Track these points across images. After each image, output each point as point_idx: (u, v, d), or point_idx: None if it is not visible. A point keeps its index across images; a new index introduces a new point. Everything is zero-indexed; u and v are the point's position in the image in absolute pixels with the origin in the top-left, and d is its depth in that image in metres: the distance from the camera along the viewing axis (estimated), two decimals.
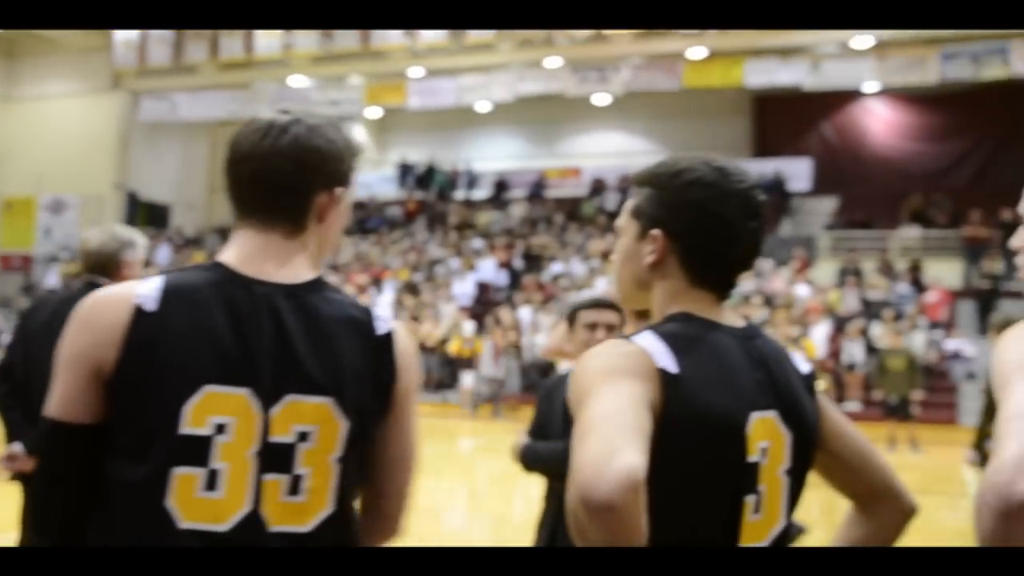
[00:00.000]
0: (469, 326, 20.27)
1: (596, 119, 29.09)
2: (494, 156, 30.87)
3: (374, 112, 29.51)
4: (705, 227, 1.73)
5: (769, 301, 17.34)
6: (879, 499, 1.83)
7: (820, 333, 17.29)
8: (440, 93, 24.90)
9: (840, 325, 18.03)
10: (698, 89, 23.35)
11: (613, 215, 25.89)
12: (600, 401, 1.53)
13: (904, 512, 1.83)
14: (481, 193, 29.43)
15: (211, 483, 1.66)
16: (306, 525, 1.71)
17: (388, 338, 1.83)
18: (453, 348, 19.73)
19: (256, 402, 1.68)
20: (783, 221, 24.95)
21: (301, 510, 1.71)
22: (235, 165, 1.80)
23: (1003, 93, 25.69)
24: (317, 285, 1.81)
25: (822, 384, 10.86)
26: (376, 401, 1.81)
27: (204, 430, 1.66)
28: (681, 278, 1.76)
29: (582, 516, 1.40)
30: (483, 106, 26.96)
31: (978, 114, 26.09)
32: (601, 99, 25.91)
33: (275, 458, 1.69)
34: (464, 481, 11.86)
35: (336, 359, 1.75)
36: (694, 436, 1.61)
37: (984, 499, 1.42)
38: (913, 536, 1.92)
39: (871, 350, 16.88)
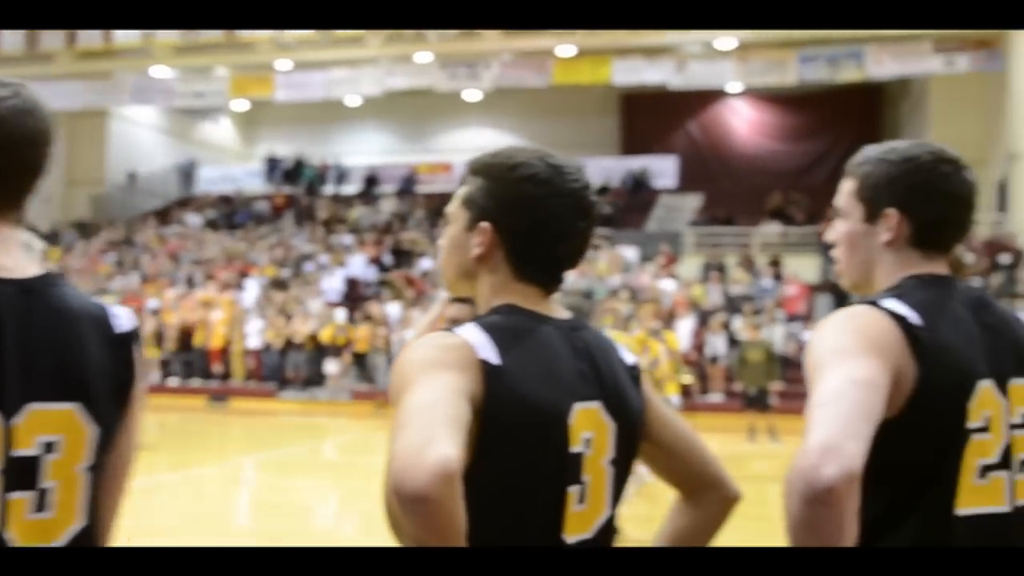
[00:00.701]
0: (341, 313, 20.09)
1: (467, 115, 29.14)
2: (364, 151, 30.61)
3: (240, 105, 28.94)
4: (535, 223, 1.71)
5: (635, 295, 17.61)
6: (704, 488, 1.85)
7: (684, 327, 17.67)
8: (308, 86, 24.55)
9: (704, 319, 18.46)
10: (567, 87, 23.60)
11: None
12: (417, 393, 1.50)
13: (728, 500, 1.85)
14: (351, 188, 29.15)
15: None
16: (55, 543, 1.59)
17: (128, 336, 1.70)
18: (325, 336, 19.50)
19: None
20: (649, 217, 25.41)
21: (49, 527, 1.58)
22: None
23: (858, 95, 26.72)
24: (51, 279, 1.66)
25: (687, 377, 11.10)
26: (117, 403, 1.68)
27: None
28: (507, 271, 1.74)
29: (396, 508, 1.38)
30: (353, 100, 26.71)
31: (834, 115, 27.06)
32: (471, 95, 25.95)
33: (20, 474, 1.55)
34: (333, 479, 11.73)
35: (80, 360, 1.62)
36: (517, 427, 1.59)
37: (791, 485, 1.45)
38: (765, 523, 1.96)
39: (733, 343, 17.33)
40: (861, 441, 1.48)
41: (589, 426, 1.67)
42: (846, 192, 1.89)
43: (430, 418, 1.45)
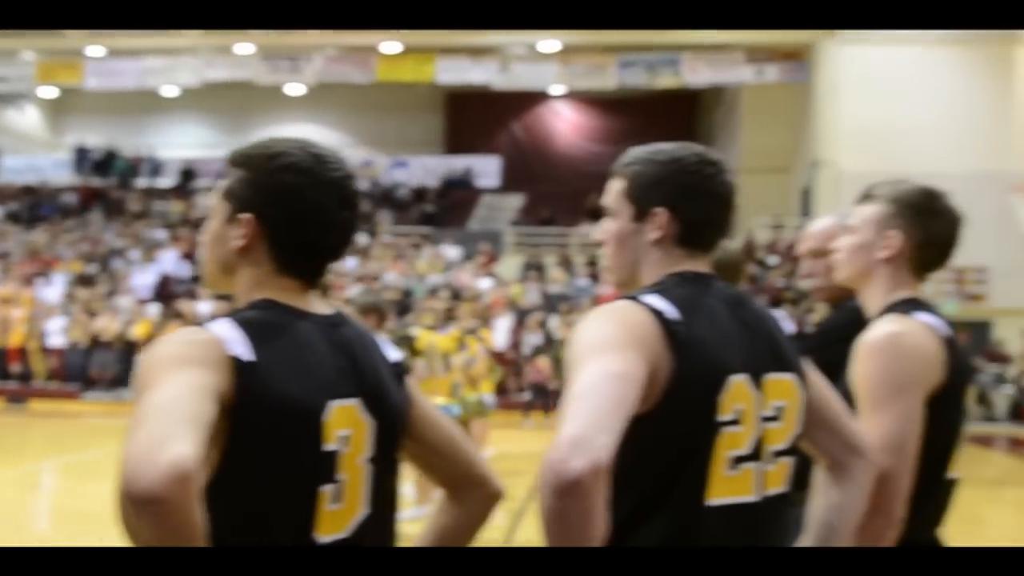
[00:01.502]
0: (154, 308, 19.40)
1: (289, 109, 28.61)
2: (181, 143, 29.66)
3: (48, 92, 27.59)
4: (296, 214, 1.67)
5: (455, 294, 17.66)
6: (467, 486, 1.84)
7: (502, 325, 17.84)
8: (121, 75, 23.63)
9: (521, 317, 18.68)
10: (392, 84, 23.47)
11: None
12: (159, 391, 1.44)
13: (491, 497, 1.86)
14: (166, 181, 28.19)
15: None
16: None
17: None
18: (138, 333, 18.77)
19: None
20: (472, 216, 25.55)
21: None
22: None
23: (675, 101, 27.57)
24: None
25: (496, 374, 11.16)
26: None
27: None
28: (268, 264, 1.69)
29: (128, 509, 1.32)
30: (169, 90, 25.85)
31: (653, 119, 27.82)
32: (294, 89, 25.50)
33: None
34: None
35: None
36: (268, 424, 1.55)
37: (543, 477, 1.45)
38: None
39: (549, 341, 17.60)
40: (611, 434, 1.49)
41: (346, 423, 1.63)
42: (615, 192, 1.91)
43: (168, 416, 1.39)
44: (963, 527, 9.85)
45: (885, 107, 20.90)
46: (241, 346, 1.56)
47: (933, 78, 21.17)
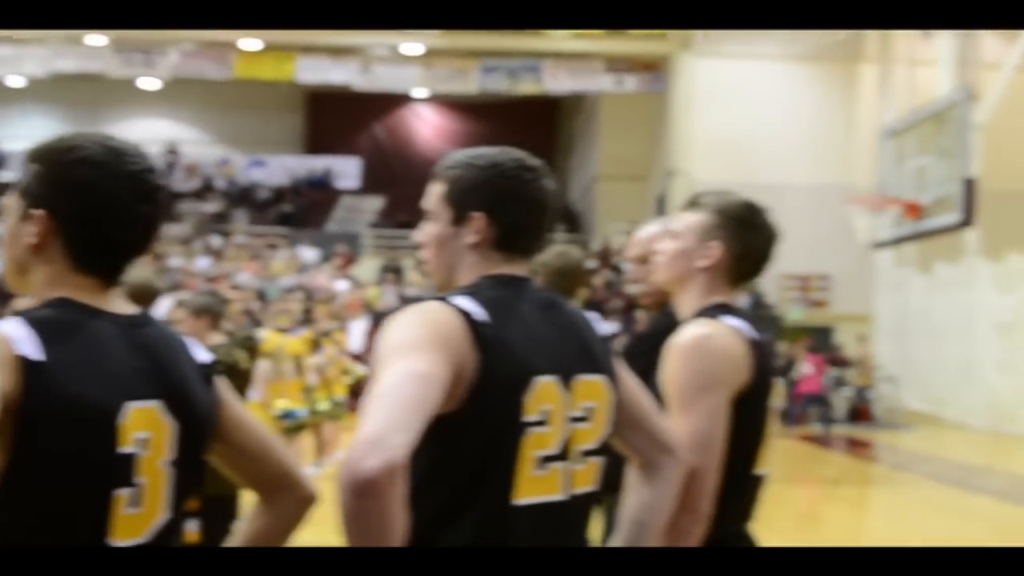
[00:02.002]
0: None
1: (143, 104, 27.76)
2: (27, 136, 28.36)
3: None
4: (91, 209, 1.63)
5: (310, 296, 17.45)
6: (278, 489, 1.82)
7: (358, 328, 17.71)
8: None
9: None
10: (251, 81, 23.04)
11: None
12: None
13: (304, 501, 1.84)
14: (9, 175, 27.01)
15: None
16: None
17: None
18: None
19: None
20: (330, 218, 25.29)
21: None
22: None
23: (537, 107, 27.83)
24: None
25: (352, 376, 11.07)
26: None
27: None
28: (63, 262, 1.64)
29: None
30: (15, 81, 24.79)
31: (514, 125, 28.00)
32: (149, 83, 24.78)
33: None
34: None
35: None
36: (58, 426, 1.51)
37: (340, 477, 1.46)
38: None
39: None
40: (408, 433, 1.50)
41: (144, 426, 1.60)
42: (435, 195, 1.92)
43: None
44: (802, 524, 10.28)
45: (737, 119, 21.55)
46: (29, 345, 1.52)
47: (782, 93, 21.94)
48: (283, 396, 8.31)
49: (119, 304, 1.69)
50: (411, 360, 1.62)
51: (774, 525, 9.42)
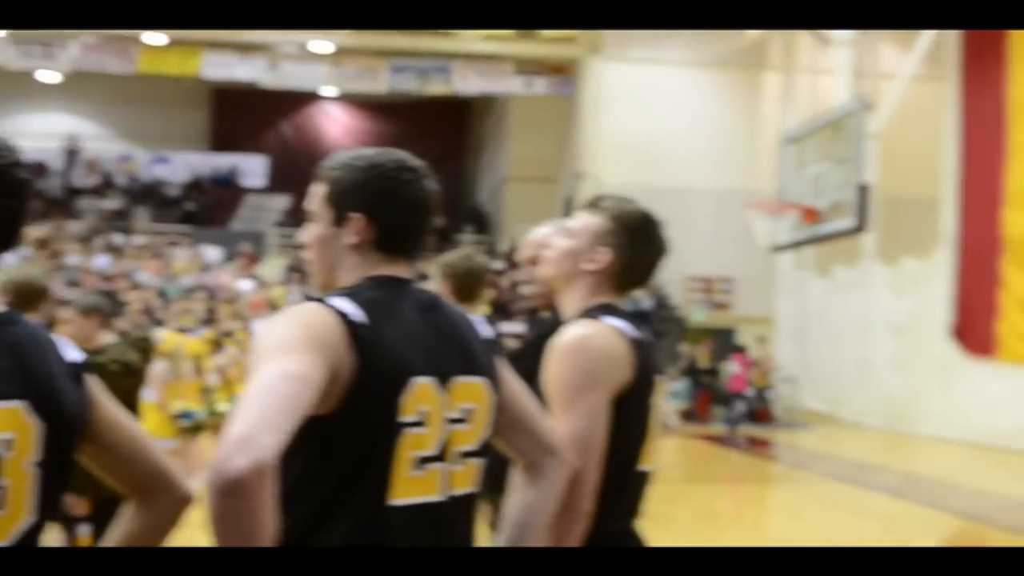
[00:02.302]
0: None
1: (42, 97, 26.98)
2: None
3: None
4: None
5: (213, 295, 17.17)
6: (152, 491, 1.80)
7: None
8: None
9: None
10: (155, 76, 22.58)
11: (54, 200, 24.21)
12: None
13: (179, 502, 1.82)
14: None
15: None
16: None
17: None
18: None
19: None
20: (235, 216, 24.92)
21: None
22: None
23: (447, 108, 27.81)
24: None
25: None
26: None
27: None
28: None
29: None
30: None
31: (424, 126, 27.94)
32: (47, 76, 24.13)
33: None
34: None
35: None
36: None
37: (208, 478, 1.44)
38: None
39: None
40: (279, 434, 1.50)
41: (8, 426, 1.56)
42: (317, 196, 1.92)
43: None
44: (702, 522, 10.43)
45: (644, 124, 21.83)
46: None
47: (689, 98, 22.29)
48: (181, 397, 8.16)
49: None
50: (285, 361, 1.61)
51: (675, 523, 9.58)
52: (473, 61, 22.26)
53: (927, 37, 16.89)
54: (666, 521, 9.86)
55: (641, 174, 21.52)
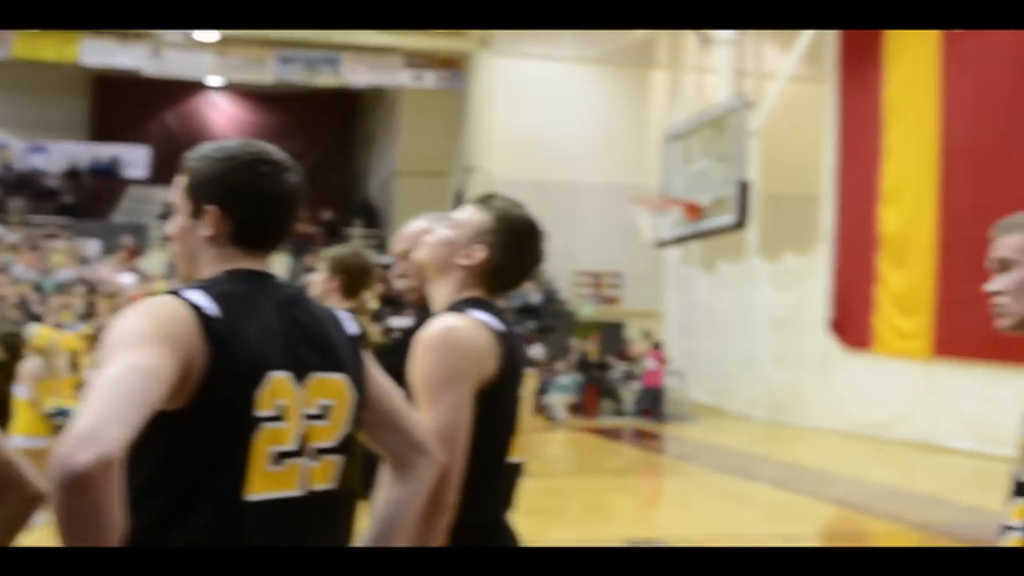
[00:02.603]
0: None
1: None
2: None
3: None
4: None
5: (92, 289, 16.69)
6: (3, 488, 1.76)
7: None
8: None
9: None
10: (31, 62, 21.80)
11: None
12: None
13: (30, 500, 1.78)
14: None
15: None
16: None
17: None
18: None
19: None
20: (117, 208, 24.27)
21: None
22: None
23: (336, 100, 27.52)
24: None
25: None
26: None
27: None
28: None
29: None
30: None
31: (313, 117, 27.65)
32: None
33: None
34: None
35: None
36: None
37: (51, 472, 1.41)
38: None
39: None
40: (126, 428, 1.47)
41: None
42: (179, 188, 1.90)
43: None
44: (591, 515, 10.51)
45: (535, 118, 21.95)
46: None
47: (579, 94, 22.48)
48: (55, 394, 7.89)
49: None
50: (134, 354, 1.58)
51: (564, 517, 9.67)
52: (362, 53, 22.07)
53: (806, 37, 17.37)
54: (555, 515, 9.97)
55: (531, 169, 21.63)
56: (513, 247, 2.34)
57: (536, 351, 19.87)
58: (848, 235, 16.91)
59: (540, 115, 22.00)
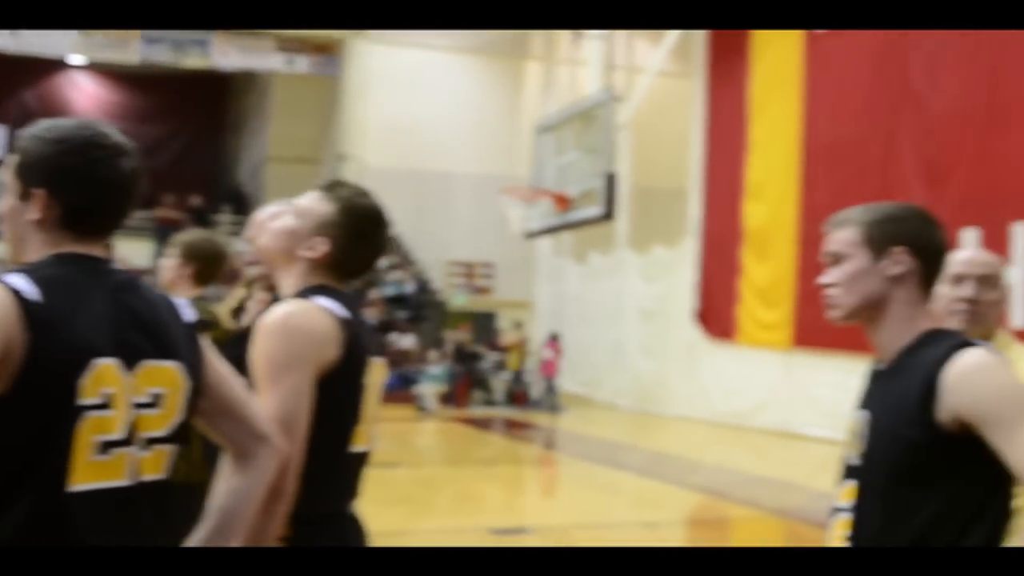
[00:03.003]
0: None
1: None
2: None
3: None
4: None
5: None
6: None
7: None
8: None
9: None
10: None
11: None
12: None
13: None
14: None
15: None
16: None
17: None
18: None
19: None
20: None
21: None
22: None
23: (205, 82, 26.85)
24: None
25: None
26: None
27: None
28: None
29: None
30: None
31: (181, 100, 26.95)
32: None
33: None
34: None
35: None
36: None
37: None
38: None
39: None
40: None
41: None
42: (9, 167, 1.83)
43: None
44: (460, 505, 10.52)
45: (409, 107, 21.84)
46: None
47: (453, 84, 22.45)
48: None
49: None
50: None
51: (433, 507, 9.66)
52: (233, 36, 21.58)
53: (675, 34, 17.68)
54: (423, 505, 9.96)
55: (405, 158, 21.53)
56: (357, 239, 2.32)
57: (408, 341, 19.80)
58: (714, 228, 17.31)
59: (414, 104, 21.89)
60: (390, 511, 8.30)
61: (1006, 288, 2.69)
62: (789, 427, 14.65)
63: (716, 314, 17.00)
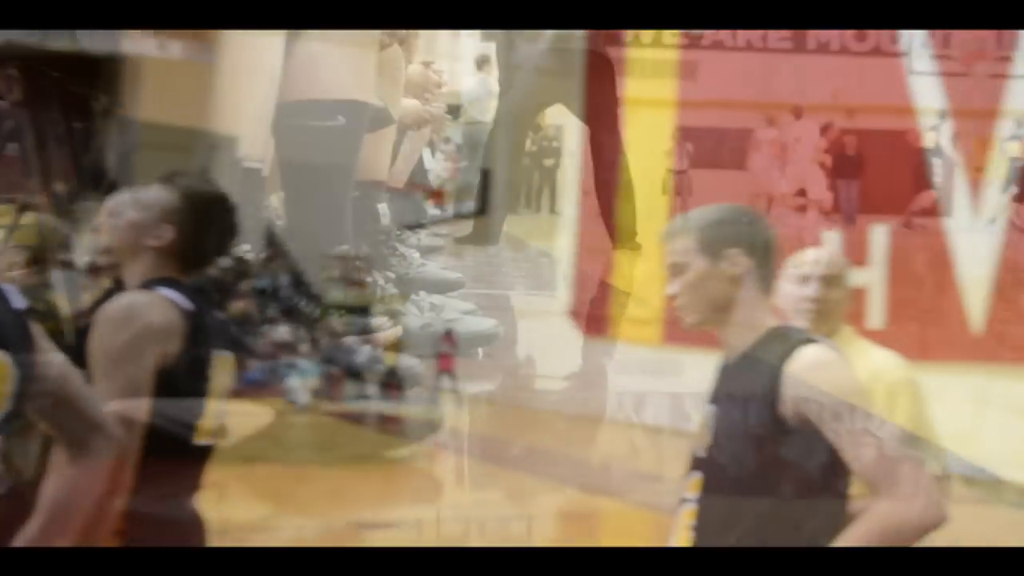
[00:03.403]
0: None
1: None
2: None
3: None
4: None
5: None
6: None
7: None
8: None
9: None
10: None
11: None
12: None
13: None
14: None
15: None
16: None
17: None
18: None
19: None
20: None
21: None
22: None
23: (73, 66, 25.99)
24: None
25: None
26: None
27: None
28: None
29: None
30: None
31: (46, 84, 26.00)
32: None
33: None
34: None
35: None
36: None
37: None
38: None
39: None
40: None
41: None
42: None
43: None
44: (332, 501, 10.39)
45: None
46: None
47: None
48: None
49: None
50: None
51: (301, 503, 9.50)
52: None
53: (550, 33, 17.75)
54: (292, 501, 9.77)
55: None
56: (201, 224, 2.31)
57: (280, 334, 19.50)
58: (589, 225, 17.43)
59: None
60: (259, 507, 8.16)
61: (849, 287, 2.79)
62: (661, 422, 14.85)
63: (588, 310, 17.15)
